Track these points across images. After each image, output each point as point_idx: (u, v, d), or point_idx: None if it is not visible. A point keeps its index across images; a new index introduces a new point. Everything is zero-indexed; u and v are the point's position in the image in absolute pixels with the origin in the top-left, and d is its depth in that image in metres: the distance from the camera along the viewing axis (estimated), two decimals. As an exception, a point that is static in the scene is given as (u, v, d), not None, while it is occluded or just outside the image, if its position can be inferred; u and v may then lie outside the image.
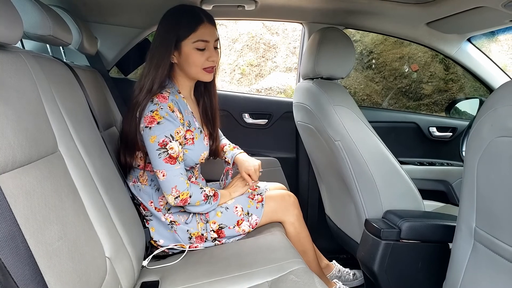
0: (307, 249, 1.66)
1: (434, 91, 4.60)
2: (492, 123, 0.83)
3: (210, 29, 1.40)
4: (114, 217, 1.16)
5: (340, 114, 1.48)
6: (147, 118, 1.33)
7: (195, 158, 1.48)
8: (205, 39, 1.38)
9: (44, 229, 0.79)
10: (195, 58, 1.39)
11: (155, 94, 1.36)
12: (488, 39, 4.63)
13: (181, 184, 1.35)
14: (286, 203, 1.63)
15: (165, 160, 1.33)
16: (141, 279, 1.27)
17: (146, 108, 1.34)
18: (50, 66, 1.11)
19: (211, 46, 1.41)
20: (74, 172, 1.02)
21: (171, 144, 1.33)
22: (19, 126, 0.80)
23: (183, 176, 1.36)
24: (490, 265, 0.89)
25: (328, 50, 1.57)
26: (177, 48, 1.39)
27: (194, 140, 1.46)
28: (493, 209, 0.87)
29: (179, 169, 1.35)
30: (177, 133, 1.35)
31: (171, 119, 1.34)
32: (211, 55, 1.41)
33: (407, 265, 1.42)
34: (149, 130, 1.33)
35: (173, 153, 1.33)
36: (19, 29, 0.87)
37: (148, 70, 1.39)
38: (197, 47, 1.38)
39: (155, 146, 1.33)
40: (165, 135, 1.32)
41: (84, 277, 0.88)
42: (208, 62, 1.41)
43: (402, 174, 1.49)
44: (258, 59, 5.14)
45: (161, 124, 1.32)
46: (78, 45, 1.58)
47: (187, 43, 1.37)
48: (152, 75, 1.38)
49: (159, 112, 1.32)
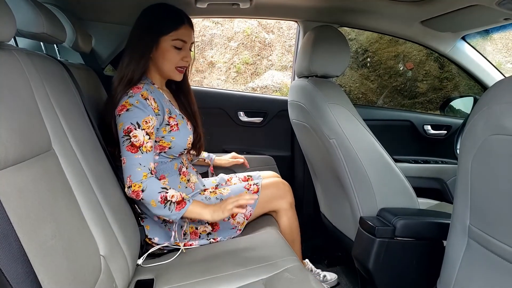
0: (296, 239, 1.70)
1: (429, 89, 4.62)
2: (485, 121, 0.84)
3: (189, 32, 1.45)
4: (109, 216, 1.15)
5: (335, 112, 1.49)
6: (119, 107, 1.35)
7: (183, 143, 1.48)
8: (184, 39, 1.43)
9: (38, 228, 0.78)
10: (171, 56, 1.43)
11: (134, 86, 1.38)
12: (482, 37, 4.65)
13: (135, 174, 1.30)
14: (280, 190, 1.66)
15: (127, 148, 1.31)
16: (136, 277, 1.27)
17: (121, 99, 1.37)
18: (44, 64, 1.11)
19: (187, 47, 1.46)
20: (68, 170, 1.01)
21: (135, 132, 1.32)
22: (12, 124, 0.79)
23: (141, 167, 1.31)
24: (484, 263, 0.89)
25: (322, 48, 1.58)
26: (156, 43, 1.42)
27: (179, 125, 1.47)
28: (487, 207, 0.87)
29: (139, 159, 1.31)
30: (146, 122, 1.33)
31: (141, 107, 1.33)
32: (186, 56, 1.45)
33: (402, 263, 1.43)
34: (118, 117, 1.35)
35: (135, 141, 1.31)
36: (12, 27, 0.86)
37: (130, 61, 1.41)
38: (175, 45, 1.42)
39: (121, 133, 1.33)
40: (131, 122, 1.32)
41: (79, 276, 0.87)
42: (182, 62, 1.46)
43: (397, 172, 1.49)
44: (254, 57, 5.14)
45: (129, 111, 1.33)
46: (72, 43, 1.57)
47: (167, 39, 1.41)
48: (133, 66, 1.40)
49: (129, 100, 1.34)
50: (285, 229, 1.64)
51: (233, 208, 1.33)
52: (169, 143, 1.44)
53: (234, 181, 1.75)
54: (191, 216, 1.36)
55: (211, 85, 4.93)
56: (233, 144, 2.28)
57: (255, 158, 2.22)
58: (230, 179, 1.77)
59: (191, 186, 1.55)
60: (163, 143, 1.43)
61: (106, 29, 1.98)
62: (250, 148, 2.28)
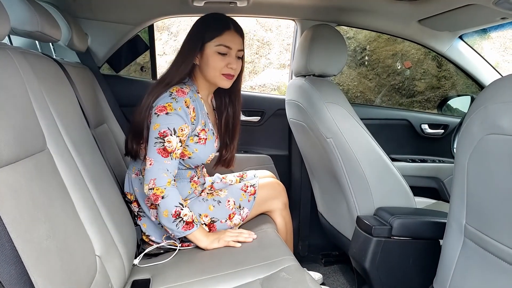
0: (289, 239, 1.71)
1: (427, 88, 4.62)
2: (482, 121, 0.84)
3: (235, 38, 1.42)
4: (105, 215, 1.15)
5: (332, 112, 1.48)
6: (159, 106, 1.34)
7: (204, 158, 1.48)
8: (228, 45, 1.40)
9: (32, 228, 0.77)
10: (215, 62, 1.40)
11: (172, 86, 1.37)
12: (480, 36, 4.66)
13: (161, 179, 1.31)
14: (276, 191, 1.67)
15: (158, 150, 1.32)
16: (132, 277, 1.26)
17: (161, 98, 1.36)
18: (39, 63, 1.10)
19: (233, 53, 1.42)
20: (63, 170, 1.01)
21: (170, 137, 1.32)
22: (6, 124, 0.78)
23: (167, 173, 1.32)
24: (479, 262, 0.89)
25: (320, 47, 1.57)
26: (201, 50, 1.41)
27: (207, 140, 1.47)
28: (482, 207, 0.87)
29: (168, 165, 1.33)
30: (181, 130, 1.34)
31: (182, 114, 1.33)
32: (231, 62, 1.41)
33: (398, 262, 1.43)
34: (156, 117, 1.34)
35: (168, 147, 1.32)
36: (6, 25, 0.85)
37: (172, 66, 1.43)
38: (218, 51, 1.39)
39: (155, 134, 1.32)
40: (168, 127, 1.32)
41: (73, 276, 0.87)
42: (227, 69, 1.42)
43: (394, 171, 1.49)
44: (252, 55, 5.14)
45: (169, 115, 1.32)
46: (67, 42, 1.56)
47: (210, 45, 1.39)
48: (174, 71, 1.41)
49: (172, 104, 1.33)
50: (279, 229, 1.64)
51: (230, 242, 1.39)
52: (190, 153, 1.43)
53: (229, 178, 1.75)
54: (190, 238, 1.38)
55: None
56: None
57: (253, 157, 2.22)
58: (225, 177, 1.77)
59: (196, 192, 1.56)
60: (185, 151, 1.43)
61: (103, 27, 1.97)
62: (247, 147, 2.27)
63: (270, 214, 1.68)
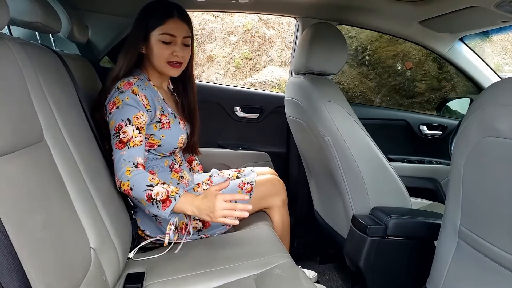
0: (285, 237, 1.71)
1: (427, 89, 4.62)
2: (479, 123, 0.84)
3: (180, 25, 1.40)
4: (101, 208, 1.15)
5: (330, 110, 1.48)
6: (110, 104, 1.34)
7: (173, 141, 1.47)
8: (172, 33, 1.38)
9: (27, 219, 0.77)
10: (159, 50, 1.39)
11: (120, 80, 1.37)
12: (481, 39, 4.65)
13: (119, 171, 1.26)
14: (275, 188, 1.67)
15: (115, 145, 1.30)
16: (127, 271, 1.27)
17: (110, 95, 1.36)
18: (38, 54, 1.10)
19: (178, 41, 1.40)
20: (60, 162, 1.01)
21: (125, 128, 1.30)
22: (3, 114, 0.78)
23: (125, 163, 1.26)
24: (473, 263, 0.90)
25: (320, 45, 1.57)
26: (146, 39, 1.40)
27: (170, 124, 1.45)
28: (477, 209, 0.87)
29: (124, 155, 1.27)
30: (137, 118, 1.32)
31: (131, 103, 1.32)
32: (176, 50, 1.40)
33: (393, 262, 1.43)
34: (110, 116, 1.34)
35: (124, 137, 1.29)
36: (5, 15, 0.85)
37: (120, 57, 1.42)
38: (162, 39, 1.38)
39: (112, 131, 1.32)
40: (122, 119, 1.31)
41: (68, 268, 0.87)
42: (172, 57, 1.40)
43: (390, 171, 1.50)
44: (253, 52, 5.12)
45: (119, 108, 1.32)
46: (67, 33, 1.56)
47: (154, 34, 1.38)
48: (121, 63, 1.41)
49: (119, 96, 1.33)
50: (277, 226, 1.65)
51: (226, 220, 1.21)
52: (158, 140, 1.43)
53: (227, 172, 1.75)
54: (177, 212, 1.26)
55: (210, 79, 4.91)
56: (228, 139, 2.28)
57: (250, 154, 2.22)
58: (223, 172, 1.77)
59: (185, 182, 1.55)
60: (153, 140, 1.42)
61: (103, 20, 1.96)
62: (245, 143, 2.28)
63: (268, 211, 1.68)
